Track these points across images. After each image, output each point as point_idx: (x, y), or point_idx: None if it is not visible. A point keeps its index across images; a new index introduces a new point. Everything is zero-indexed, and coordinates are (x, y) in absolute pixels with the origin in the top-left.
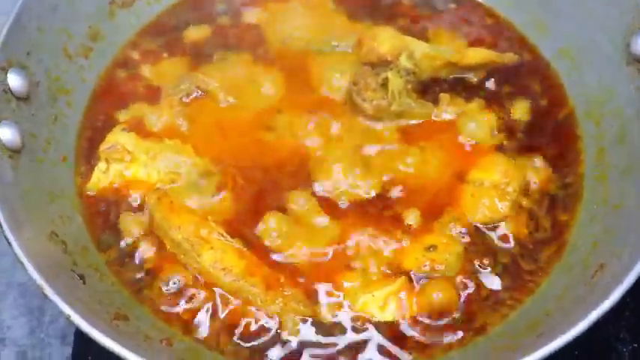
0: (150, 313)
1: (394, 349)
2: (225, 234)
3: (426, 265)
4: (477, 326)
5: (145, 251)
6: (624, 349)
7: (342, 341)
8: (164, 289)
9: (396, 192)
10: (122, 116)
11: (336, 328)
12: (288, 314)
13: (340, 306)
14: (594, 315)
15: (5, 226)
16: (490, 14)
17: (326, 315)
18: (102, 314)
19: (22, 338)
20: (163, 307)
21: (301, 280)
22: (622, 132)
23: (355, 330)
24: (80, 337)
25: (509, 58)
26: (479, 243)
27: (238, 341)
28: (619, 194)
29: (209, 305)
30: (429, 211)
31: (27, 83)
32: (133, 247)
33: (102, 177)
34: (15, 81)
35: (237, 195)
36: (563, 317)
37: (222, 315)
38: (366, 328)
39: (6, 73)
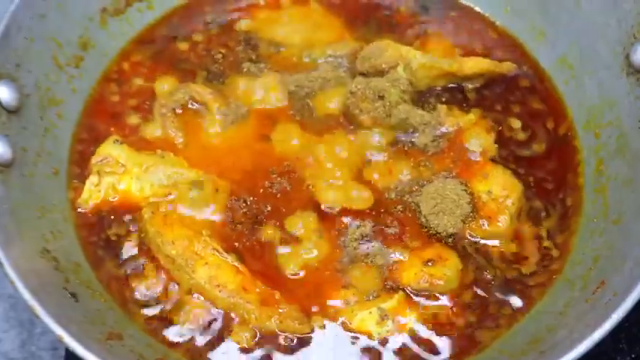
0: (144, 331)
1: None
2: (220, 249)
3: (424, 281)
4: (475, 342)
5: (139, 267)
6: None
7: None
8: (158, 305)
9: (393, 205)
10: (114, 128)
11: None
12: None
13: (337, 323)
14: (598, 334)
15: None
16: (488, 23)
17: (322, 332)
18: (95, 334)
19: (12, 351)
20: (157, 325)
21: (297, 296)
22: (622, 143)
23: (352, 346)
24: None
25: (508, 67)
26: (478, 257)
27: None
28: (619, 207)
29: (204, 323)
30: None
31: (17, 95)
32: (127, 263)
33: (94, 191)
34: (5, 94)
35: (232, 208)
36: (565, 334)
37: (216, 334)
38: (363, 345)
39: None
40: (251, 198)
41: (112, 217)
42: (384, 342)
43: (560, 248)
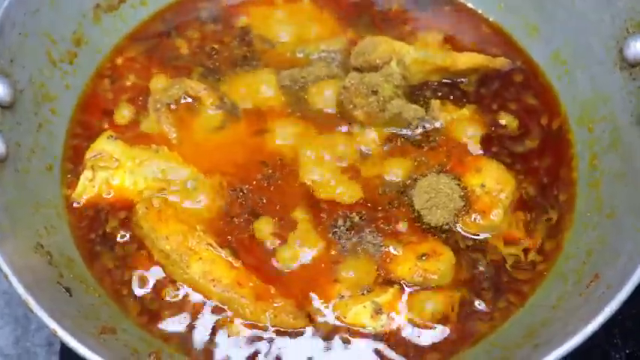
0: (137, 325)
1: None
2: (214, 244)
3: (418, 275)
4: (469, 336)
5: (133, 262)
6: (617, 355)
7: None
8: (151, 300)
9: (387, 199)
10: (108, 123)
11: (327, 340)
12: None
13: (332, 317)
14: (591, 327)
15: None
16: (482, 19)
17: (317, 326)
18: (89, 328)
19: (7, 347)
20: (151, 320)
21: (292, 291)
22: (615, 138)
23: (346, 341)
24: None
25: (501, 62)
26: (472, 251)
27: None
28: (612, 201)
29: (198, 318)
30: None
31: (11, 91)
32: (120, 258)
33: (88, 186)
34: None
35: (226, 203)
36: (559, 327)
37: (210, 328)
38: (358, 339)
39: None
40: (245, 192)
41: (106, 212)
42: (378, 336)
43: (553, 242)
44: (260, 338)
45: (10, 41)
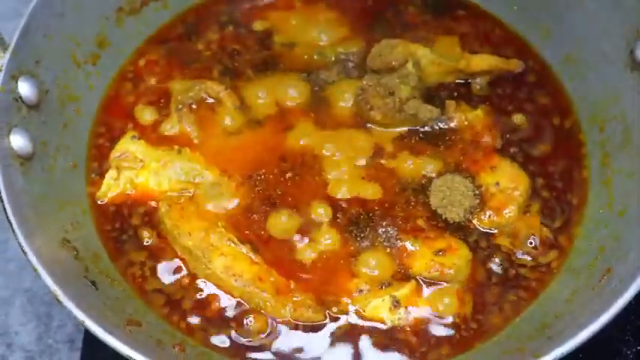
0: (161, 318)
1: (401, 353)
2: (235, 240)
3: (435, 270)
4: (485, 330)
5: (156, 257)
6: (629, 352)
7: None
8: (175, 294)
9: (404, 197)
10: (131, 124)
11: (346, 332)
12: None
13: (350, 311)
14: (603, 319)
15: (19, 234)
16: (495, 21)
17: (335, 320)
18: (115, 320)
19: (29, 344)
20: (174, 313)
21: (311, 285)
22: (626, 137)
23: (364, 333)
24: (88, 342)
25: (514, 64)
26: (487, 247)
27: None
28: (624, 199)
29: (219, 312)
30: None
31: (37, 91)
32: (144, 254)
33: (112, 185)
34: (25, 89)
35: (246, 200)
36: (572, 320)
37: (231, 322)
38: (375, 332)
39: (16, 82)
40: (265, 189)
41: (130, 209)
42: (396, 329)
43: (566, 239)
44: (279, 332)
45: (36, 43)
